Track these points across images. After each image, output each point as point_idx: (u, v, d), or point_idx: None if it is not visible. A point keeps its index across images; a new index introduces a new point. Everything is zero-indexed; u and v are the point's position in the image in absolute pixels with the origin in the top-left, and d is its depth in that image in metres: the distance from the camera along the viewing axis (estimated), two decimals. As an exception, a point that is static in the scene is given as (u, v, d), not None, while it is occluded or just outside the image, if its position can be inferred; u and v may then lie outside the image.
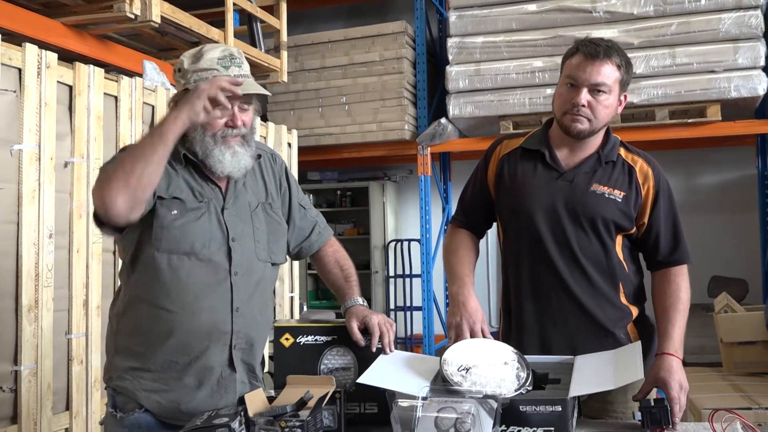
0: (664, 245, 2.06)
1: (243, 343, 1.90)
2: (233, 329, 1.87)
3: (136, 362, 1.85)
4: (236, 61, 1.86)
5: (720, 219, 6.63)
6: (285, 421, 1.55)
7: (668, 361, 1.91)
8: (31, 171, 3.04)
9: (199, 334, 1.83)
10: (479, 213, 2.24)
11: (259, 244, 1.93)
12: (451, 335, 2.00)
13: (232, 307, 1.86)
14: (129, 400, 1.85)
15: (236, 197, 1.93)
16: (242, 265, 1.88)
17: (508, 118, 5.72)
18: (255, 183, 2.00)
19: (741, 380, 4.24)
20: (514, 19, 5.66)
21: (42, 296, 3.05)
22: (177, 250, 1.81)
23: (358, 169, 7.74)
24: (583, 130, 2.03)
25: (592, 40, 2.02)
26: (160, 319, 1.82)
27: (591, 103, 1.99)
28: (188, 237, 1.82)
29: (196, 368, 1.84)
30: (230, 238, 1.87)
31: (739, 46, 5.18)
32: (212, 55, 1.86)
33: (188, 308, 1.82)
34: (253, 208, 1.95)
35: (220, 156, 1.85)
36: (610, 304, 2.05)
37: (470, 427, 1.50)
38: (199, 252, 1.83)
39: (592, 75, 1.98)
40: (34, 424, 2.99)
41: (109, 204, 1.67)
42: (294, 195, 2.11)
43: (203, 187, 1.89)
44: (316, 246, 2.16)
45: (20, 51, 3.02)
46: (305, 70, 6.40)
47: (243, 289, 1.88)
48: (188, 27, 4.19)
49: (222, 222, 1.87)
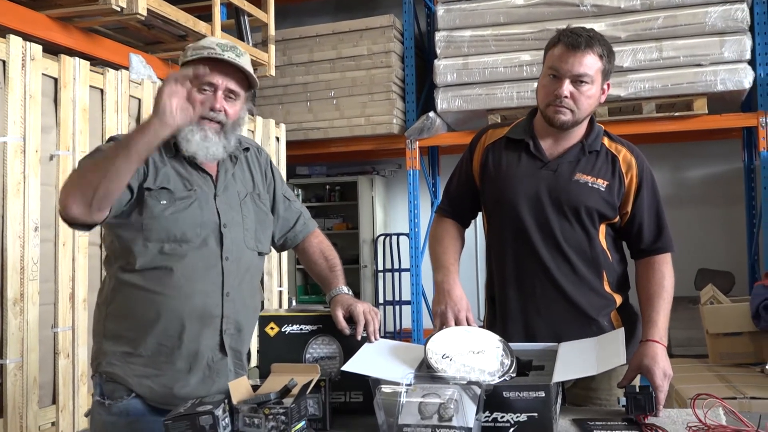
0: (648, 234, 2.07)
1: (232, 329, 1.91)
2: (223, 313, 1.88)
3: (126, 347, 1.85)
4: (237, 51, 1.88)
5: (706, 212, 6.67)
6: (269, 409, 1.55)
7: (653, 348, 1.92)
8: (16, 163, 3.03)
9: (190, 317, 1.84)
10: (464, 202, 2.25)
11: (247, 232, 1.95)
12: (436, 323, 2.00)
13: (223, 291, 1.88)
14: (118, 387, 1.84)
15: (226, 186, 1.94)
16: (233, 251, 1.90)
17: (496, 112, 5.74)
18: (243, 174, 2.02)
19: (726, 371, 4.26)
20: (501, 12, 5.67)
21: (27, 289, 3.04)
22: (168, 239, 1.82)
23: (347, 164, 7.74)
24: (566, 121, 2.03)
25: (574, 30, 2.01)
26: (150, 303, 1.83)
27: (574, 94, 2.00)
28: (179, 225, 1.83)
29: (186, 352, 1.85)
30: (222, 224, 1.89)
31: (725, 40, 5.21)
32: (215, 39, 1.91)
33: (180, 291, 1.83)
34: (242, 198, 1.97)
35: (189, 135, 1.85)
36: (593, 292, 2.06)
37: (453, 413, 1.50)
38: (192, 238, 1.84)
39: (574, 66, 1.98)
40: (20, 418, 2.98)
41: (66, 209, 1.69)
42: (278, 186, 2.12)
43: (192, 175, 1.90)
44: (301, 236, 2.16)
45: (5, 43, 3.00)
46: (293, 64, 6.39)
47: (233, 274, 1.90)
48: (175, 20, 4.18)
49: (214, 208, 1.89)
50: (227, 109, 1.88)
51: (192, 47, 1.91)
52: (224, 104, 1.88)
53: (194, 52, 1.88)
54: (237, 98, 1.91)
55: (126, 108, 3.73)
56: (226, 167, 1.97)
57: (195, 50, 1.89)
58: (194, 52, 1.88)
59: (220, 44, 1.87)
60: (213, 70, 1.82)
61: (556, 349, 1.89)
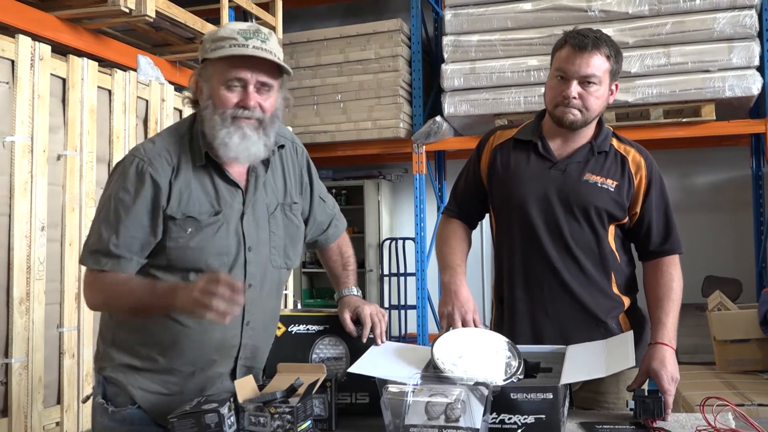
0: (656, 235, 2.06)
1: (248, 353, 1.84)
2: (242, 343, 1.81)
3: (134, 360, 1.77)
4: (261, 36, 1.68)
5: (714, 219, 6.64)
6: (274, 408, 1.54)
7: (661, 351, 1.91)
8: (24, 163, 3.03)
9: (208, 348, 1.76)
10: (472, 203, 2.24)
11: (274, 251, 1.83)
12: (443, 324, 2.00)
13: (243, 321, 1.79)
14: (120, 392, 1.78)
15: (255, 200, 1.80)
16: (256, 276, 1.79)
17: (503, 117, 5.72)
18: (275, 180, 1.86)
19: (734, 378, 4.24)
20: (509, 17, 5.66)
21: (33, 289, 3.04)
22: (192, 268, 1.71)
23: (353, 168, 7.73)
24: (575, 121, 2.03)
25: (580, 32, 2.01)
26: (168, 329, 1.74)
27: (582, 95, 2.00)
28: (204, 255, 1.71)
29: (199, 378, 1.79)
30: (247, 247, 1.77)
31: (733, 46, 5.19)
32: (235, 26, 1.70)
33: (200, 323, 1.70)
34: (272, 211, 1.83)
35: (226, 138, 1.69)
36: (602, 293, 2.05)
37: (461, 414, 1.49)
38: (217, 267, 1.70)
39: (582, 67, 1.98)
40: (25, 417, 2.98)
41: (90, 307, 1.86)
42: (315, 189, 2.00)
43: (220, 191, 1.75)
44: (332, 239, 2.08)
45: (13, 43, 3.01)
46: (301, 67, 6.39)
47: (256, 302, 1.80)
48: (183, 22, 4.18)
49: (240, 231, 1.76)
50: (262, 104, 1.72)
51: (211, 39, 1.71)
52: (258, 98, 1.71)
53: (214, 46, 1.69)
54: (270, 89, 1.73)
55: (134, 109, 3.74)
56: (257, 173, 1.81)
57: (214, 43, 1.69)
58: (214, 45, 1.69)
59: (242, 32, 1.67)
60: (239, 64, 1.67)
61: (564, 352, 1.88)
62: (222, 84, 1.69)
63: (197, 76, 1.76)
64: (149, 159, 1.71)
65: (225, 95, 1.69)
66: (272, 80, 1.72)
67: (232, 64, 1.68)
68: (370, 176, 7.65)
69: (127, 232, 1.68)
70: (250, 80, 1.69)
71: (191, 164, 1.74)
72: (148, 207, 1.69)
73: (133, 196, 1.69)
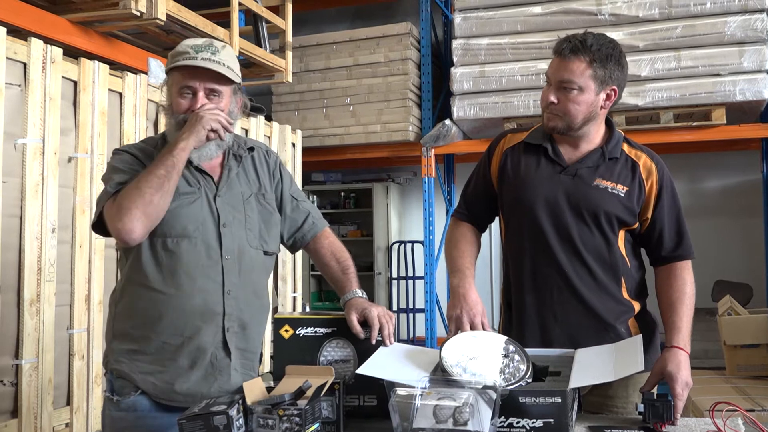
0: (668, 240, 2.05)
1: (236, 326, 1.92)
2: (225, 311, 1.90)
3: (132, 345, 1.89)
4: (211, 49, 1.90)
5: (724, 223, 6.61)
6: (283, 410, 1.54)
7: (677, 355, 1.90)
8: (35, 165, 3.05)
9: (192, 314, 1.86)
10: (481, 206, 2.24)
11: (250, 232, 1.97)
12: (451, 327, 1.99)
13: (224, 289, 1.90)
14: (126, 384, 1.88)
15: (229, 186, 1.97)
16: (232, 250, 1.92)
17: (512, 120, 5.72)
18: (247, 175, 2.04)
19: (744, 383, 4.22)
20: (519, 21, 5.66)
21: (44, 290, 3.06)
22: (171, 233, 1.87)
23: (362, 171, 7.75)
24: (556, 127, 2.04)
25: (569, 37, 2.02)
26: (154, 301, 1.87)
27: (560, 100, 2.01)
28: (181, 220, 1.87)
29: (189, 349, 1.87)
30: (221, 223, 1.92)
31: (744, 50, 5.18)
32: (189, 42, 1.92)
33: (181, 289, 1.86)
34: (246, 198, 2.00)
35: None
36: (611, 298, 2.04)
37: (469, 417, 1.49)
38: (192, 233, 1.88)
39: (558, 71, 2.01)
40: (35, 418, 2.99)
41: (129, 233, 1.79)
42: (286, 186, 2.13)
43: (195, 176, 1.94)
44: (309, 236, 2.15)
45: (26, 46, 3.03)
46: (310, 70, 6.41)
47: (234, 272, 1.92)
48: (194, 26, 4.20)
49: (213, 207, 1.92)
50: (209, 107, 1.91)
51: (171, 54, 1.94)
52: (206, 103, 1.91)
53: (172, 60, 1.92)
54: (220, 95, 1.93)
55: (144, 112, 3.76)
56: (230, 167, 2.00)
57: (173, 57, 1.92)
58: (172, 59, 1.92)
59: (194, 46, 1.89)
60: (189, 74, 1.89)
61: (573, 355, 1.87)
62: (176, 92, 1.92)
63: (165, 87, 1.99)
64: (128, 147, 2.00)
65: (178, 102, 1.92)
66: (220, 86, 1.93)
67: (183, 74, 1.90)
68: (379, 179, 7.67)
69: (130, 177, 1.88)
70: (198, 88, 1.90)
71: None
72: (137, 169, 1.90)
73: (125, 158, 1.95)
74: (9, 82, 2.96)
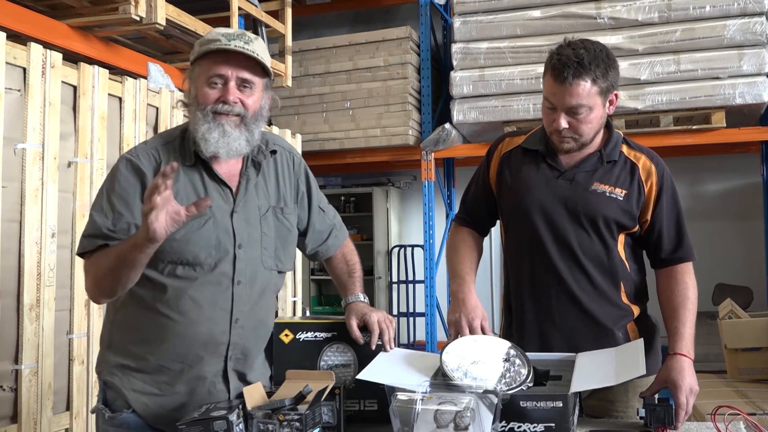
0: (667, 242, 2.03)
1: (238, 354, 1.83)
2: (230, 341, 1.80)
3: (128, 360, 1.79)
4: (244, 38, 1.74)
5: (724, 226, 6.60)
6: (283, 415, 1.54)
7: (680, 362, 1.89)
8: (35, 170, 3.04)
9: (195, 343, 1.77)
10: (481, 211, 2.23)
11: (266, 251, 1.84)
12: (451, 332, 1.99)
13: (232, 318, 1.79)
14: (117, 397, 1.79)
15: (246, 201, 1.82)
16: (246, 273, 1.80)
17: (512, 124, 5.72)
18: (267, 185, 1.88)
19: (745, 386, 4.21)
20: (518, 25, 5.67)
21: (44, 295, 3.05)
22: (180, 261, 1.74)
23: (362, 175, 7.74)
24: (571, 149, 2.02)
25: (561, 58, 1.92)
26: (156, 324, 1.76)
27: (572, 124, 1.95)
28: (191, 247, 1.73)
29: (188, 377, 1.79)
30: (237, 244, 1.78)
31: (744, 53, 5.18)
32: (220, 30, 1.77)
33: (187, 316, 1.75)
34: (263, 213, 1.85)
35: (207, 133, 1.74)
36: (610, 303, 2.03)
37: (470, 422, 1.48)
38: (204, 262, 1.75)
39: (565, 99, 1.92)
40: (34, 423, 2.98)
41: (94, 299, 1.80)
42: (314, 199, 2.01)
43: (209, 189, 1.78)
44: (333, 250, 2.09)
45: (25, 51, 3.03)
46: (310, 75, 6.41)
47: (245, 299, 1.81)
48: (193, 30, 4.21)
49: (230, 227, 1.78)
50: (244, 100, 1.76)
51: (199, 42, 1.78)
52: (238, 95, 1.76)
53: (201, 48, 1.76)
54: (253, 87, 1.78)
55: (144, 116, 3.76)
56: (249, 176, 1.84)
57: (201, 45, 1.76)
58: (201, 47, 1.76)
59: (226, 34, 1.74)
60: (221, 62, 1.73)
61: (574, 359, 1.87)
62: (205, 82, 1.75)
63: (187, 78, 1.83)
64: (137, 155, 1.79)
65: (206, 92, 1.75)
66: (254, 77, 1.78)
67: (214, 61, 1.74)
68: (379, 183, 7.66)
69: (122, 217, 1.73)
70: (230, 76, 1.74)
71: (180, 164, 1.77)
72: (139, 194, 1.74)
73: (124, 185, 1.75)
74: (9, 87, 2.95)
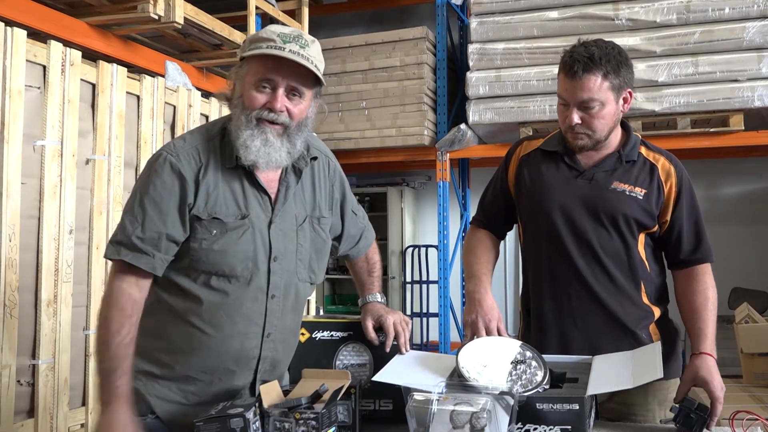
0: (687, 243, 2.03)
1: (267, 366, 1.80)
2: (261, 355, 1.77)
3: (153, 367, 1.74)
4: (301, 41, 1.64)
5: (742, 230, 6.55)
6: (300, 413, 1.54)
7: (707, 361, 1.88)
8: (53, 167, 3.07)
9: (226, 358, 1.73)
10: (499, 213, 2.23)
11: (300, 263, 1.79)
12: (467, 333, 1.99)
13: (264, 332, 1.75)
14: (139, 401, 1.71)
15: (284, 210, 1.76)
16: (280, 287, 1.75)
17: (528, 125, 5.70)
18: (304, 193, 1.82)
19: (762, 392, 4.17)
20: (535, 25, 5.64)
21: (61, 291, 3.08)
22: (216, 272, 1.68)
23: (377, 175, 7.74)
24: (585, 146, 2.03)
25: (573, 54, 1.97)
26: (186, 335, 1.71)
27: (584, 119, 1.98)
28: (229, 259, 1.67)
29: (216, 389, 1.75)
30: (272, 257, 1.72)
31: (763, 55, 5.12)
32: (276, 29, 1.67)
33: (220, 330, 1.70)
34: (300, 223, 1.79)
35: (248, 140, 1.65)
36: (631, 303, 2.02)
37: (486, 423, 1.48)
38: (240, 274, 1.69)
39: (576, 93, 1.96)
40: (51, 418, 3.01)
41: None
42: (348, 204, 1.97)
43: (249, 196, 1.72)
44: (363, 251, 2.07)
45: (45, 48, 3.06)
46: (326, 74, 6.35)
47: (277, 313, 1.76)
48: (211, 29, 4.22)
49: (266, 239, 1.72)
50: (290, 109, 1.67)
51: (250, 39, 1.68)
52: (286, 103, 1.67)
53: (252, 46, 1.66)
54: (302, 96, 1.69)
55: (161, 114, 3.78)
56: (288, 184, 1.77)
57: (253, 43, 1.66)
58: (252, 45, 1.66)
59: (281, 35, 1.63)
60: (272, 66, 1.64)
61: (591, 362, 1.86)
62: (252, 84, 1.66)
63: (233, 74, 1.74)
64: (177, 154, 1.69)
65: (253, 95, 1.66)
66: (304, 87, 1.68)
67: (265, 65, 1.64)
68: (394, 183, 7.66)
69: (153, 225, 1.64)
70: (280, 83, 1.65)
71: (221, 165, 1.71)
72: (175, 201, 1.66)
73: (160, 190, 1.66)
74: (28, 85, 2.98)
